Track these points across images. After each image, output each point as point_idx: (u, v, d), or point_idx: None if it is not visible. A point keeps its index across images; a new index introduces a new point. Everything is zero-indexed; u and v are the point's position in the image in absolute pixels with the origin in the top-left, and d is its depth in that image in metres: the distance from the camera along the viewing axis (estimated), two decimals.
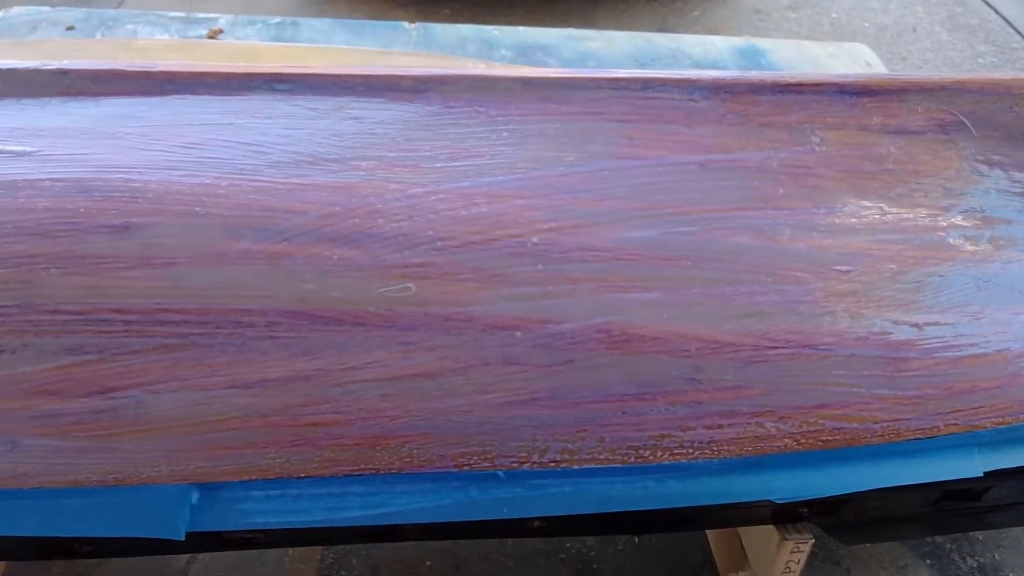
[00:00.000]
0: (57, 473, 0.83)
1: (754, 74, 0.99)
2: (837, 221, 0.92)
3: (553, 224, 0.86)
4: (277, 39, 2.43)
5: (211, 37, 2.44)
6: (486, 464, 0.88)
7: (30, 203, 0.81)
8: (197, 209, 0.82)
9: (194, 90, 0.92)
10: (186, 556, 1.28)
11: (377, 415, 0.84)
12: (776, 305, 0.88)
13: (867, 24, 5.20)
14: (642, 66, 2.38)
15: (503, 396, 0.84)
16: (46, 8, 2.50)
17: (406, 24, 2.52)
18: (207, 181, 0.84)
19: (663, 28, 5.07)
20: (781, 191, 0.92)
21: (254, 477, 0.86)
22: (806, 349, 0.88)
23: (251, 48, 2.25)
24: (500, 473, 0.89)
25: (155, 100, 0.92)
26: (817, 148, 0.95)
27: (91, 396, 0.80)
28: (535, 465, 0.88)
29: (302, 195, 0.84)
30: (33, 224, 0.80)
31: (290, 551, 1.29)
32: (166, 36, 2.42)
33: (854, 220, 0.93)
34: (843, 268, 0.90)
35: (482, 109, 0.93)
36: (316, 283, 0.82)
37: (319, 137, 0.89)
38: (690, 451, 0.89)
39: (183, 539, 0.86)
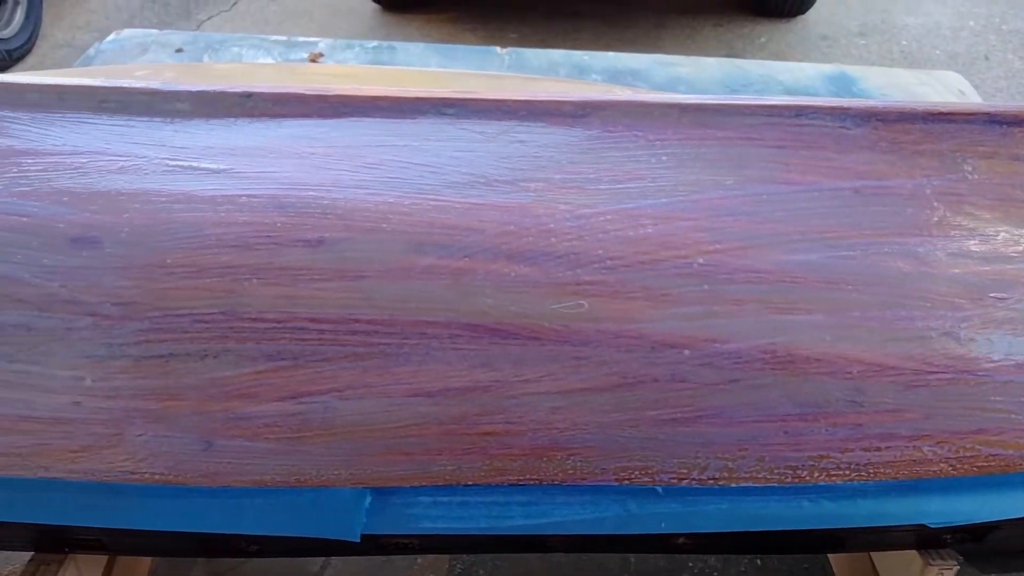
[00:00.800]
0: (245, 473, 0.87)
1: (904, 103, 1.01)
2: (992, 249, 0.94)
3: (717, 246, 0.89)
4: (375, 62, 2.50)
5: (312, 60, 2.52)
6: (646, 479, 0.90)
7: (230, 217, 0.86)
8: (384, 226, 0.86)
9: (368, 113, 0.97)
10: (320, 560, 1.32)
11: (547, 427, 0.87)
12: (935, 330, 0.90)
13: (938, 52, 5.15)
14: (732, 91, 2.40)
15: (669, 412, 0.87)
16: (154, 31, 2.61)
17: (498, 49, 2.58)
18: (391, 200, 0.88)
19: (730, 54, 5.08)
20: (935, 218, 0.94)
21: (426, 483, 0.89)
22: (965, 375, 0.89)
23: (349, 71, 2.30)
24: (659, 488, 0.91)
25: (332, 122, 0.97)
26: (969, 176, 0.96)
27: (284, 400, 0.85)
28: (694, 482, 0.90)
29: (479, 214, 0.88)
30: (234, 237, 0.85)
31: (419, 559, 1.32)
32: (269, 59, 2.51)
33: (1009, 248, 0.94)
34: (999, 295, 0.91)
35: (640, 133, 0.97)
36: (495, 298, 0.85)
37: (489, 159, 0.93)
38: (847, 473, 0.90)
39: (358, 541, 0.90)
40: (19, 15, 4.70)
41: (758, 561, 1.32)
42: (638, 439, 0.88)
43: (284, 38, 2.59)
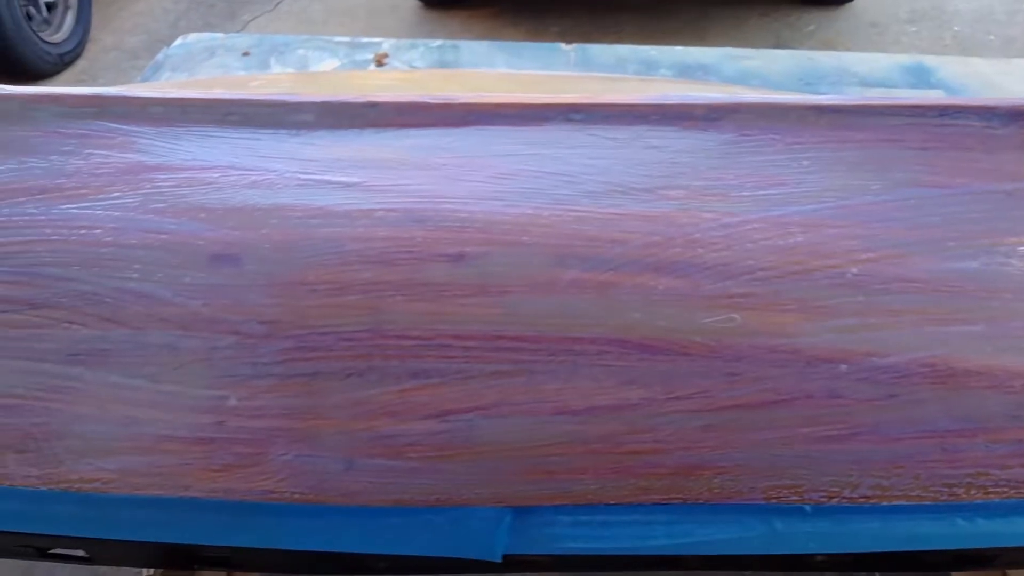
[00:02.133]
0: (386, 492, 0.86)
1: None
2: None
3: (870, 254, 0.86)
4: (439, 62, 2.48)
5: (378, 62, 2.51)
6: (795, 498, 0.87)
7: (368, 232, 0.85)
8: (524, 239, 0.84)
9: (493, 121, 0.95)
10: None
11: (696, 445, 0.84)
12: None
13: (992, 37, 5.03)
14: (807, 85, 2.35)
15: (824, 430, 0.84)
16: (220, 35, 2.61)
17: (563, 45, 2.55)
18: (529, 211, 0.86)
19: (778, 43, 5.00)
20: None
21: (568, 502, 0.87)
22: None
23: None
24: (807, 507, 0.88)
25: (458, 131, 0.94)
26: None
27: (428, 419, 0.83)
28: (844, 500, 0.87)
29: (621, 225, 0.86)
30: (375, 253, 0.83)
31: None
32: (335, 60, 2.50)
33: None
34: None
35: (777, 136, 0.93)
36: (643, 312, 0.83)
37: (623, 167, 0.91)
38: (1006, 490, 0.87)
39: (500, 561, 0.88)
40: (69, 20, 4.75)
41: None
42: (789, 457, 0.85)
43: (348, 39, 2.58)
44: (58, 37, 4.66)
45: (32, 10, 4.38)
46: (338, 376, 0.82)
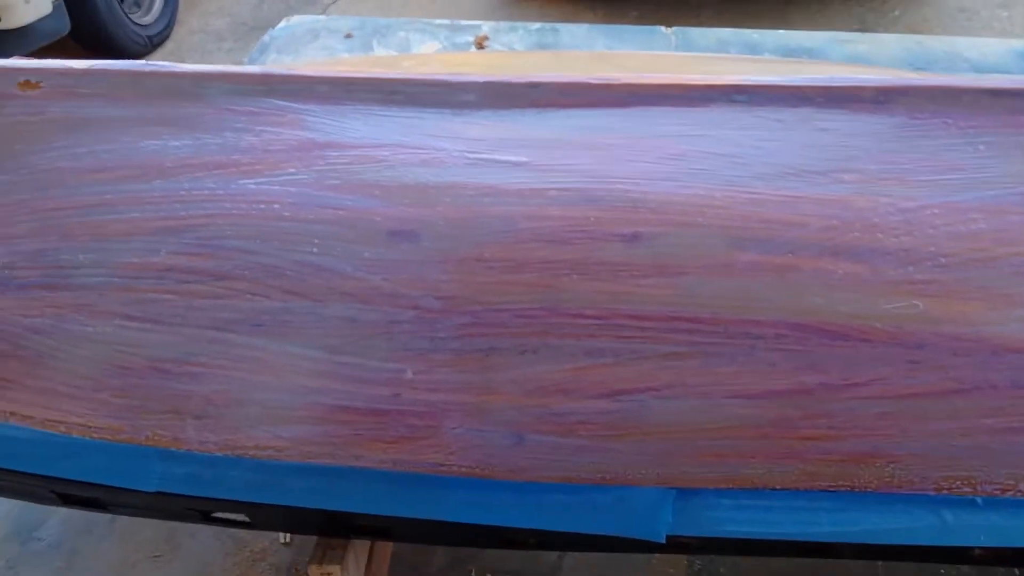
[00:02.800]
0: (553, 469, 0.87)
1: None
2: None
3: None
4: (539, 44, 2.47)
5: (479, 44, 2.52)
6: (967, 489, 0.86)
7: (542, 211, 0.85)
8: (699, 220, 0.84)
9: (656, 102, 0.94)
10: (557, 551, 1.32)
11: (871, 433, 0.83)
12: None
13: None
14: (918, 70, 2.29)
15: (1006, 421, 0.82)
16: (322, 17, 2.65)
17: (663, 29, 2.52)
18: (701, 192, 0.85)
19: (862, 27, 4.88)
20: None
21: (733, 486, 0.87)
22: None
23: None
24: (978, 499, 0.86)
25: (621, 112, 0.94)
26: None
27: (600, 398, 0.83)
28: (1019, 493, 0.85)
29: (797, 207, 0.85)
30: (549, 231, 0.84)
31: (656, 556, 1.31)
32: (435, 43, 2.51)
33: None
34: None
35: (950, 121, 0.91)
36: (823, 297, 0.82)
37: (793, 149, 0.90)
38: None
39: (663, 542, 0.89)
40: (158, 3, 4.86)
41: (1016, 572, 1.26)
42: (967, 448, 0.83)
43: (448, 22, 2.60)
44: (147, 19, 4.77)
45: None
46: (513, 352, 0.83)
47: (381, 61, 1.71)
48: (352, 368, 0.85)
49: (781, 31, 2.49)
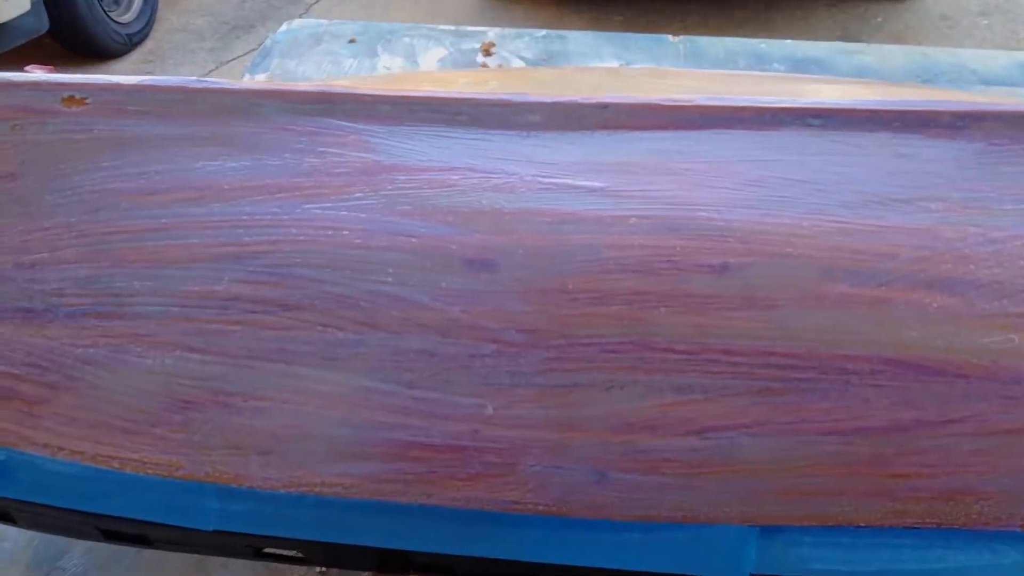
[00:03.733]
0: (633, 507, 0.84)
1: None
2: None
3: None
4: (545, 52, 2.45)
5: (485, 51, 2.49)
6: None
7: (625, 239, 0.82)
8: (788, 250, 0.82)
9: (729, 125, 0.92)
10: None
11: (962, 469, 0.81)
12: None
13: None
14: (925, 82, 2.30)
15: None
16: (324, 21, 2.60)
17: (670, 37, 2.51)
18: (787, 221, 0.83)
19: (845, 35, 4.92)
20: None
21: (817, 523, 0.85)
22: None
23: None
24: None
25: (693, 135, 0.92)
26: None
27: (688, 435, 0.81)
28: None
29: (885, 237, 0.83)
30: (635, 261, 0.81)
31: None
32: (441, 49, 2.48)
33: None
34: None
35: None
36: (918, 331, 0.80)
37: (874, 175, 0.88)
38: None
39: None
40: (137, 1, 4.76)
41: None
42: None
43: (453, 28, 2.56)
44: (127, 18, 4.67)
45: None
46: (599, 388, 0.80)
47: (432, 78, 1.66)
48: (429, 403, 0.82)
49: (788, 41, 2.48)
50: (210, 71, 4.56)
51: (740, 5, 5.36)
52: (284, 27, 2.55)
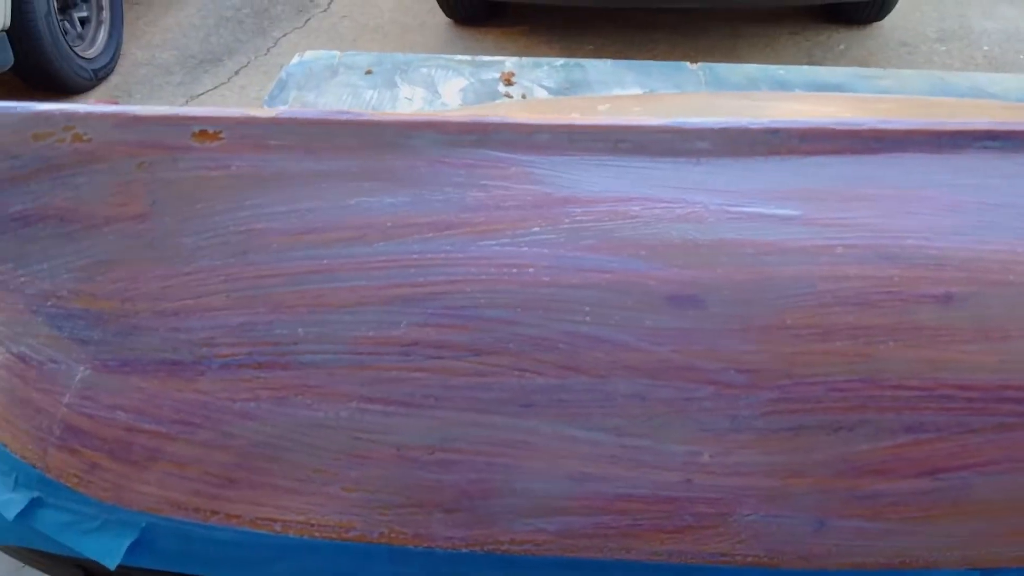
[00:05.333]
0: (849, 555, 0.79)
1: None
2: None
3: None
4: (567, 80, 2.42)
5: (506, 81, 2.45)
6: None
7: (836, 271, 0.78)
8: (1010, 278, 0.78)
9: (904, 148, 0.89)
10: None
11: None
12: None
13: (1023, 56, 5.11)
14: None
15: None
16: (336, 52, 2.54)
17: (689, 65, 2.51)
18: (1001, 247, 0.80)
19: (810, 61, 5.04)
20: None
21: None
22: None
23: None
24: None
25: (870, 159, 0.88)
26: None
27: (919, 477, 0.76)
28: None
29: None
30: (854, 293, 0.77)
31: None
32: (461, 79, 2.44)
33: None
34: None
35: None
36: None
37: None
38: None
39: None
40: (102, 35, 4.65)
41: None
42: None
43: (469, 58, 2.52)
44: (92, 52, 4.55)
45: (67, 25, 4.27)
46: (826, 430, 0.75)
47: (569, 105, 1.59)
48: (639, 451, 0.75)
49: (805, 67, 2.50)
50: (182, 105, 4.44)
51: (705, 34, 5.46)
52: (296, 59, 2.48)
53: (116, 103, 1.02)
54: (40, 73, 4.15)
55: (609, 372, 0.75)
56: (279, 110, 0.86)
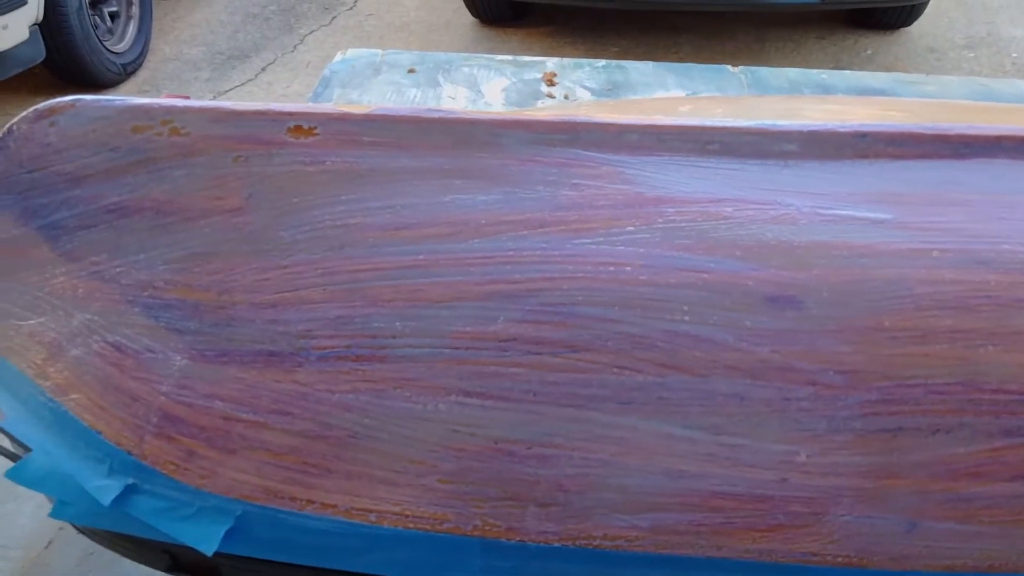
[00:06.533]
0: (939, 557, 0.79)
1: None
2: None
3: None
4: (608, 82, 2.43)
5: (548, 82, 2.46)
6: None
7: (933, 274, 0.78)
8: None
9: (993, 153, 0.89)
10: None
11: None
12: None
13: None
14: None
15: None
16: (379, 51, 2.55)
17: (730, 68, 2.51)
18: None
19: (837, 66, 5.02)
20: None
21: None
22: None
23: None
24: None
25: (959, 164, 0.88)
26: None
27: (1014, 480, 0.76)
28: None
29: None
30: (952, 297, 0.77)
31: None
32: (503, 79, 2.45)
33: None
34: None
35: None
36: None
37: None
38: None
39: None
40: (132, 30, 4.68)
41: None
42: None
43: (511, 58, 2.53)
44: (121, 47, 4.58)
45: (97, 19, 4.30)
46: (924, 432, 0.76)
47: (648, 106, 1.58)
48: (736, 450, 0.76)
49: (848, 72, 2.50)
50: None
51: (731, 37, 5.45)
52: (339, 57, 2.50)
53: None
54: (71, 67, 4.19)
55: (709, 371, 0.76)
56: (373, 107, 0.87)
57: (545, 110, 1.49)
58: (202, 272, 0.84)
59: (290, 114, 0.85)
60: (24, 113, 0.89)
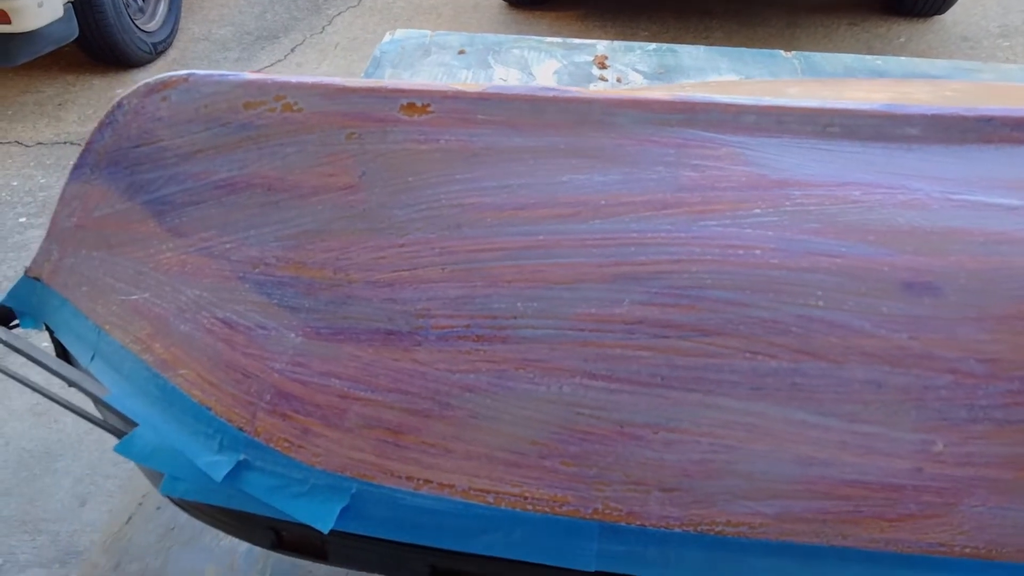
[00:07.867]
0: None
1: None
2: None
3: None
4: (660, 65, 2.40)
5: (600, 64, 2.43)
6: None
7: None
8: None
9: None
10: None
11: None
12: None
13: None
14: None
15: None
16: (427, 31, 2.53)
17: (783, 53, 2.47)
18: None
19: (869, 53, 4.95)
20: None
21: None
22: None
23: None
24: None
25: None
26: None
27: None
28: None
29: None
30: None
31: None
32: (553, 61, 2.42)
33: None
34: None
35: None
36: None
37: None
38: None
39: None
40: (162, 9, 4.67)
41: None
42: None
43: (560, 40, 2.50)
44: (152, 26, 4.57)
45: None
46: None
47: (752, 87, 1.56)
48: (871, 438, 0.74)
49: (903, 58, 2.46)
50: None
51: (762, 22, 5.40)
52: (388, 37, 2.48)
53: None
54: (103, 45, 4.18)
55: (845, 358, 0.74)
56: (486, 85, 0.86)
57: (657, 89, 1.48)
58: (316, 250, 0.82)
59: (403, 91, 0.84)
60: (134, 87, 0.88)
